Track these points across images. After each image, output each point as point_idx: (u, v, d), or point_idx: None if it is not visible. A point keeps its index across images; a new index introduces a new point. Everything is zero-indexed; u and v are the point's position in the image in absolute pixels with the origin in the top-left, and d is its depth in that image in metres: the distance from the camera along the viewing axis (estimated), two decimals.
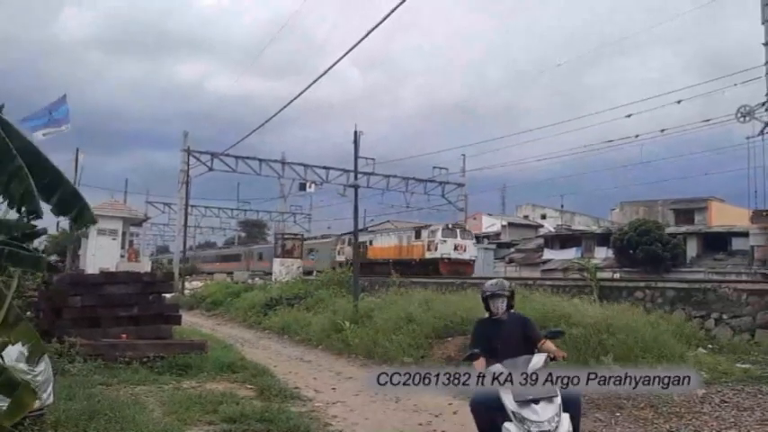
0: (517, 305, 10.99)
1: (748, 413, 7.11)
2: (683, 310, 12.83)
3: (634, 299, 13.74)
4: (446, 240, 30.42)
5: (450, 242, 30.56)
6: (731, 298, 12.20)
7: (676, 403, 7.59)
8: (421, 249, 31.40)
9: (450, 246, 30.49)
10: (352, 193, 17.33)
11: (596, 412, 7.50)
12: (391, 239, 34.35)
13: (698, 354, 9.90)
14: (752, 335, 11.44)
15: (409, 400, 8.44)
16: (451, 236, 30.84)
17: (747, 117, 20.77)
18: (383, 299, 15.62)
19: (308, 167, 38.15)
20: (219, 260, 59.25)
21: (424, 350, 11.34)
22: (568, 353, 9.06)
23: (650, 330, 10.02)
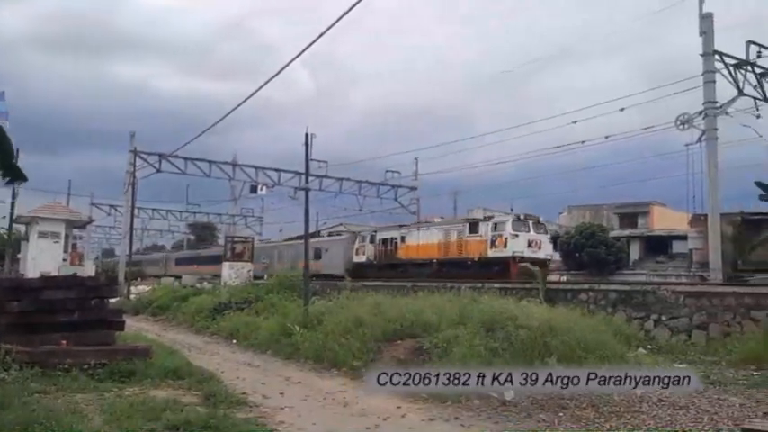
0: (466, 308, 11.25)
1: (683, 412, 7.36)
2: (624, 311, 13.26)
3: (578, 301, 14.11)
4: (518, 235, 24.83)
5: (522, 237, 24.86)
6: (669, 300, 12.67)
7: (617, 403, 7.81)
8: (480, 246, 25.79)
9: (522, 242, 24.77)
10: (304, 196, 17.21)
11: (540, 413, 7.66)
12: (433, 235, 28.93)
13: (638, 354, 10.21)
14: (689, 335, 11.92)
15: (357, 404, 8.45)
16: (524, 229, 25.35)
17: (686, 125, 21.55)
18: (335, 302, 15.55)
19: (259, 170, 37.81)
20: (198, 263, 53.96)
21: (374, 353, 11.32)
22: (515, 354, 9.33)
23: (593, 331, 10.29)
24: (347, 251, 33.44)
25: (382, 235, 31.84)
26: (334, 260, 33.66)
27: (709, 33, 20.73)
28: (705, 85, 20.80)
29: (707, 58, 20.74)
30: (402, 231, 31.02)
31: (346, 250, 33.60)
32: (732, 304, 12.03)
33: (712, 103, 20.82)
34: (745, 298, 11.97)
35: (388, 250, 30.71)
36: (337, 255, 33.91)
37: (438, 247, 27.89)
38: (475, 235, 26.43)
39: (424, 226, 30.71)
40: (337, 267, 32.38)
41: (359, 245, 32.69)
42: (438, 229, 29.03)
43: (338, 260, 33.23)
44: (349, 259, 32.73)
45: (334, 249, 34.92)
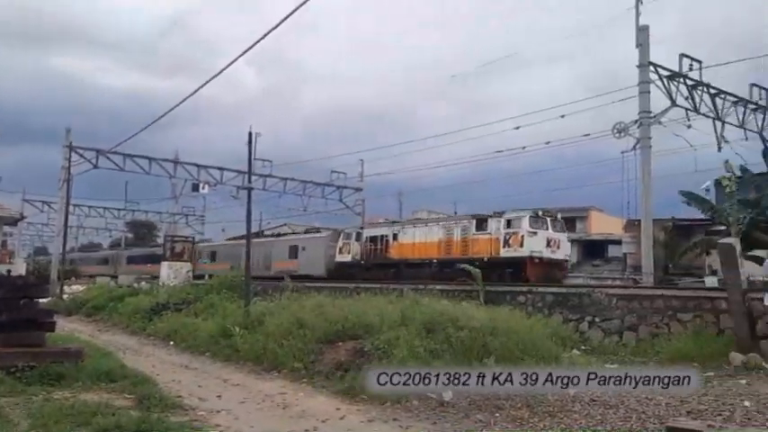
0: (408, 309, 11.32)
1: (613, 411, 7.60)
2: (560, 313, 13.63)
3: (517, 302, 14.42)
4: (536, 233, 22.26)
5: (541, 235, 22.29)
6: (603, 302, 13.11)
7: (550, 403, 8.01)
8: (491, 245, 23.16)
9: (541, 240, 22.16)
10: (246, 196, 16.99)
11: (477, 413, 7.78)
12: (432, 233, 26.27)
13: (572, 355, 10.50)
14: (620, 336, 12.36)
15: (297, 406, 8.40)
16: (542, 226, 22.66)
17: (622, 133, 22.27)
18: (276, 304, 15.40)
19: (201, 168, 37.10)
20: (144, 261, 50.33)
21: (315, 355, 11.27)
22: (454, 355, 9.46)
23: (530, 333, 10.55)
24: (328, 250, 30.95)
25: (370, 232, 29.46)
26: (312, 259, 31.45)
27: (645, 45, 21.49)
28: (640, 95, 21.54)
29: (642, 70, 21.50)
30: (394, 228, 28.54)
31: (327, 249, 31.04)
32: (661, 307, 12.54)
33: (647, 113, 21.58)
34: (673, 301, 12.50)
35: (377, 249, 28.27)
36: (317, 253, 31.51)
37: (438, 246, 25.41)
38: (483, 233, 23.86)
39: (420, 223, 28.35)
40: (317, 267, 30.41)
41: (343, 243, 30.08)
42: (438, 226, 26.47)
43: (318, 259, 30.99)
44: (330, 259, 30.40)
45: (312, 248, 32.29)
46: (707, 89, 23.04)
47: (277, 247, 34.74)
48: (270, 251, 34.81)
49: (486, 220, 23.97)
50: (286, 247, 34.04)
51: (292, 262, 32.57)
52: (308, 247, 32.66)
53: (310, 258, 31.60)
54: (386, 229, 28.79)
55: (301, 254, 32.56)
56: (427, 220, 29.11)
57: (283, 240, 35.71)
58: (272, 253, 34.53)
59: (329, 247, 30.91)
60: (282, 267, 32.25)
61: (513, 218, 23.02)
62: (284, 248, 34.00)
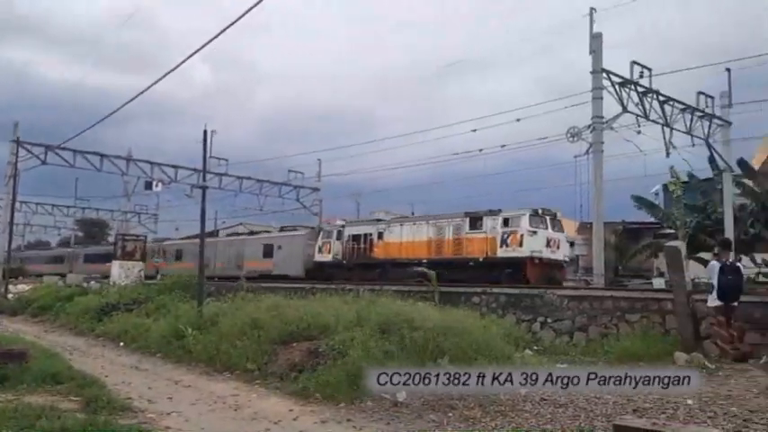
0: (363, 310, 11.32)
1: (563, 409, 7.73)
2: (514, 314, 13.86)
3: (472, 303, 14.59)
4: (536, 232, 21.40)
5: (541, 235, 21.50)
6: (555, 303, 13.39)
7: (502, 402, 8.11)
8: (486, 245, 22.18)
9: (541, 240, 21.37)
10: (200, 194, 16.72)
11: (431, 413, 7.83)
12: (421, 231, 25.03)
13: (524, 355, 10.66)
14: (571, 337, 12.64)
15: (250, 407, 8.32)
16: (541, 225, 21.88)
17: (576, 137, 22.69)
18: (230, 304, 15.22)
19: (155, 165, 36.31)
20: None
21: (269, 356, 11.19)
22: (408, 355, 9.50)
23: (484, 333, 10.66)
24: (307, 249, 29.62)
25: (353, 230, 28.16)
26: (289, 259, 30.12)
27: (598, 52, 21.96)
28: (593, 101, 21.98)
29: (595, 76, 21.95)
30: (379, 227, 27.19)
31: (306, 247, 29.69)
32: (610, 307, 12.88)
33: (599, 118, 22.03)
34: (622, 302, 12.85)
35: (360, 248, 27.13)
36: (294, 252, 30.09)
37: (428, 246, 24.29)
38: (478, 231, 22.87)
39: (408, 221, 26.91)
40: (294, 267, 29.23)
41: (323, 241, 28.80)
42: (427, 224, 25.21)
43: (295, 259, 29.64)
44: (309, 258, 29.09)
45: (289, 246, 30.84)
46: (656, 96, 23.65)
47: (250, 246, 33.52)
48: (241, 250, 33.74)
49: (482, 218, 23.08)
50: (260, 245, 32.62)
51: (267, 261, 31.30)
52: (284, 245, 31.30)
53: (287, 258, 30.36)
54: (370, 227, 27.58)
55: (277, 253, 31.25)
56: (416, 218, 27.86)
57: (257, 239, 34.16)
58: (245, 252, 33.37)
59: (307, 246, 29.68)
60: (256, 267, 31.16)
61: (511, 216, 22.10)
62: (258, 247, 32.64)
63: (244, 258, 33.00)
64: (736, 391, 8.12)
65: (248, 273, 30.11)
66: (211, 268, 33.32)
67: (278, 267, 30.05)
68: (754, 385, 8.48)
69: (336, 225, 29.64)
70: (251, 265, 31.92)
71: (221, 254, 34.60)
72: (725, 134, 26.65)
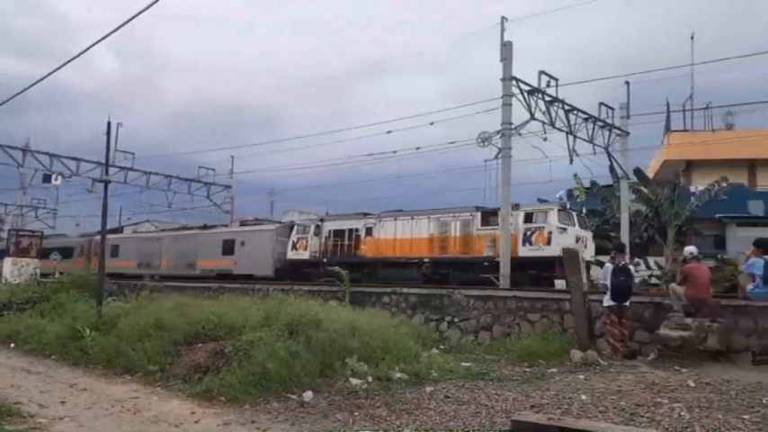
0: (272, 310, 11.20)
1: (465, 407, 7.93)
2: (422, 313, 14.13)
3: (382, 303, 14.74)
4: (566, 229, 19.39)
5: (571, 232, 19.50)
6: (462, 303, 13.76)
7: (408, 400, 8.24)
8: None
9: (571, 238, 19.17)
10: (102, 189, 15.98)
11: (337, 413, 7.85)
12: (420, 227, 22.68)
13: (431, 354, 10.86)
14: (476, 336, 13.02)
15: (149, 410, 8.06)
16: (569, 222, 19.93)
17: (486, 142, 23.33)
18: (133, 303, 14.67)
19: (54, 157, 34.30)
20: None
21: (172, 357, 10.86)
22: (316, 355, 9.50)
23: (392, 332, 10.82)
24: (277, 245, 26.84)
25: (335, 225, 25.80)
26: (255, 257, 27.11)
27: (509, 60, 22.64)
28: (503, 107, 22.62)
29: (505, 83, 22.61)
30: (368, 221, 24.80)
31: (276, 244, 26.88)
32: (513, 307, 13.37)
33: (508, 124, 22.75)
34: (524, 302, 13.36)
35: (344, 245, 24.84)
36: (261, 249, 27.11)
37: (430, 243, 22.07)
38: (493, 227, 20.69)
39: (404, 216, 24.15)
40: (261, 266, 26.39)
41: (297, 237, 26.21)
42: (428, 219, 22.86)
43: (263, 257, 26.76)
44: (280, 256, 26.48)
45: (255, 242, 27.71)
46: (562, 105, 24.71)
47: (205, 242, 30.22)
48: (194, 246, 30.52)
49: (496, 213, 20.87)
50: (218, 240, 29.39)
51: (226, 259, 28.14)
52: (248, 241, 28.05)
53: (253, 255, 27.24)
54: (356, 221, 25.15)
55: (240, 250, 28.06)
56: (413, 212, 25.03)
57: (214, 233, 30.72)
58: (198, 248, 30.18)
59: (278, 243, 26.86)
60: (213, 266, 28.36)
61: (535, 211, 20.28)
62: (215, 243, 29.33)
63: (197, 256, 29.93)
64: (625, 387, 8.59)
65: (203, 272, 28.17)
66: (155, 267, 30.99)
67: (240, 266, 27.23)
68: (642, 381, 9.00)
69: (313, 219, 27.43)
70: (206, 263, 29.07)
71: (169, 250, 31.76)
72: (623, 143, 28.22)
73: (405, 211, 25.39)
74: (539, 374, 9.80)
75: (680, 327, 10.58)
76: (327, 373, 9.41)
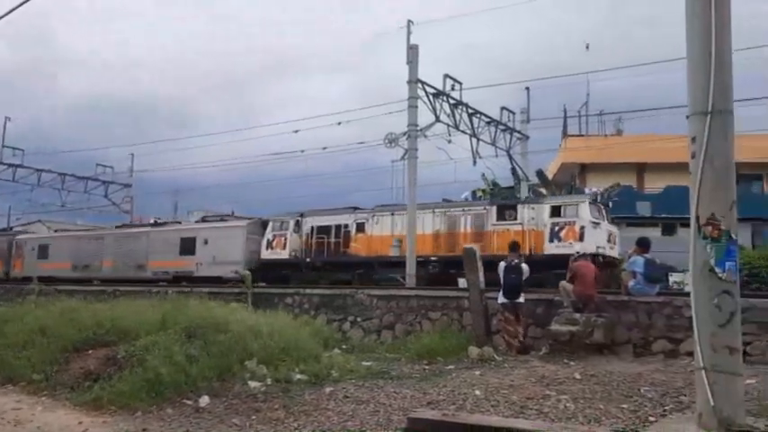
0: (170, 313, 10.87)
1: (364, 406, 8.01)
2: (325, 314, 14.18)
3: (285, 305, 14.67)
4: (599, 224, 17.98)
5: (603, 228, 18.18)
6: (365, 303, 13.92)
7: (307, 402, 8.23)
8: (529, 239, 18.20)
9: (603, 234, 18.00)
10: None
11: (234, 417, 7.72)
12: (424, 222, 21.01)
13: (332, 354, 10.91)
14: (378, 335, 13.20)
15: (32, 421, 7.64)
16: (600, 216, 18.54)
17: (393, 143, 23.67)
18: (17, 309, 13.82)
19: None
20: None
21: (60, 365, 10.32)
22: (214, 359, 9.32)
23: (294, 334, 10.77)
24: (250, 243, 24.56)
25: (318, 221, 23.75)
26: (222, 256, 24.51)
27: (415, 63, 23.06)
28: (409, 109, 23.03)
29: (411, 86, 23.03)
30: (358, 216, 22.89)
31: (248, 242, 24.58)
32: (415, 306, 13.65)
33: (414, 126, 23.17)
34: (425, 300, 13.67)
35: (331, 243, 23.02)
36: (230, 248, 24.61)
37: (435, 240, 20.43)
38: (511, 223, 18.99)
39: (402, 210, 22.00)
40: (230, 267, 23.53)
41: (274, 234, 24.18)
42: (433, 214, 21.32)
43: (232, 256, 24.23)
44: (252, 255, 24.29)
45: (222, 240, 24.99)
46: (466, 109, 25.45)
47: (158, 240, 27.32)
48: (144, 245, 27.56)
49: (515, 206, 19.52)
50: (175, 238, 26.57)
51: (186, 260, 25.51)
52: (214, 239, 25.26)
53: (219, 255, 24.67)
54: (344, 216, 23.35)
55: (202, 249, 25.37)
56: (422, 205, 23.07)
57: (170, 230, 27.83)
58: (149, 248, 27.25)
59: (250, 241, 24.59)
60: (168, 267, 25.82)
61: (563, 204, 18.61)
62: (171, 241, 26.58)
63: (148, 256, 27.10)
64: (517, 381, 8.94)
65: (156, 274, 25.49)
66: (95, 269, 28.17)
67: (204, 267, 24.61)
68: (533, 374, 9.42)
69: (293, 214, 25.02)
70: (160, 264, 26.33)
71: (112, 251, 28.47)
72: (524, 147, 29.47)
73: (402, 206, 23.68)
74: (437, 372, 10.04)
75: (569, 322, 11.17)
76: (226, 376, 9.25)
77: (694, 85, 6.07)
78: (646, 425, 6.39)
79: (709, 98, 5.89)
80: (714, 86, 5.85)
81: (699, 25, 6.00)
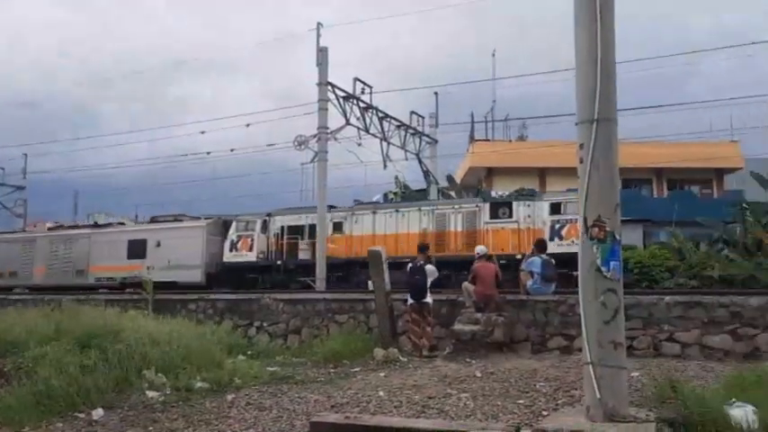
0: (63, 322, 10.34)
1: (267, 412, 7.93)
2: (231, 319, 13.96)
3: (188, 311, 14.34)
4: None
5: None
6: (271, 307, 13.81)
7: (208, 410, 8.06)
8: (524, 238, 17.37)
9: None
10: None
11: (129, 429, 7.46)
12: (409, 221, 19.81)
13: (236, 360, 10.72)
14: (285, 339, 13.14)
15: None
16: None
17: (303, 146, 23.63)
18: None
19: None
20: None
21: None
22: (110, 369, 8.94)
23: (196, 340, 10.51)
24: (210, 245, 22.98)
25: (289, 220, 22.55)
26: (178, 260, 22.80)
27: (324, 65, 23.12)
28: (319, 111, 23.09)
29: (321, 88, 23.10)
30: (335, 215, 21.84)
31: (208, 244, 22.95)
32: (322, 309, 13.66)
33: (324, 129, 23.22)
34: (332, 303, 13.70)
35: (304, 244, 22.09)
36: (187, 250, 22.78)
37: (423, 240, 18.69)
38: (506, 221, 18.13)
39: (386, 208, 21.38)
40: (187, 271, 22.36)
41: (238, 235, 22.72)
42: (420, 212, 20.12)
43: (190, 259, 22.62)
44: (214, 258, 22.81)
45: (178, 242, 23.20)
46: (376, 112, 25.76)
47: (101, 242, 25.04)
48: (85, 249, 25.11)
49: (510, 204, 18.58)
50: (122, 241, 24.44)
51: (135, 264, 23.61)
52: (168, 241, 23.48)
53: (174, 258, 22.97)
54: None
55: (155, 252, 23.59)
56: (398, 204, 22.48)
57: (116, 232, 25.45)
58: (91, 251, 24.90)
59: (211, 242, 23.06)
60: (114, 273, 23.69)
61: (564, 201, 17.70)
62: (117, 244, 24.44)
63: (89, 260, 24.91)
64: (420, 381, 9.13)
65: (99, 280, 23.43)
66: (24, 276, 25.62)
67: (156, 272, 22.49)
68: (436, 374, 9.64)
69: (259, 214, 23.68)
70: (104, 269, 24.28)
71: (45, 255, 25.97)
72: (433, 151, 30.19)
73: (386, 203, 23.20)
74: (342, 374, 10.08)
75: (471, 322, 11.53)
76: (123, 387, 8.92)
77: (582, 95, 6.41)
78: (539, 419, 6.67)
79: (596, 107, 6.23)
80: (600, 95, 6.19)
81: (585, 36, 6.32)
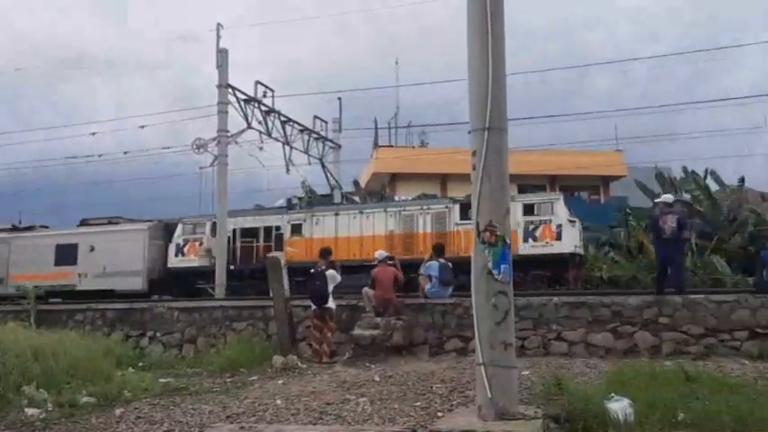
0: None
1: (158, 426, 7.61)
2: (122, 330, 13.35)
3: (75, 322, 13.60)
4: (575, 222, 17.63)
5: (578, 226, 17.85)
6: (165, 316, 13.32)
7: (94, 426, 7.64)
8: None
9: (578, 232, 17.66)
10: None
11: None
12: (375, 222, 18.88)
13: (126, 373, 10.28)
14: (180, 349, 12.69)
15: None
16: (573, 215, 18.20)
17: (201, 149, 23.01)
18: None
19: None
20: None
21: None
22: None
23: (82, 353, 9.96)
24: (152, 250, 21.48)
25: (242, 223, 21.40)
26: (115, 265, 21.04)
27: (225, 67, 22.63)
28: (219, 114, 22.57)
29: (221, 90, 22.58)
30: (293, 216, 20.55)
31: (150, 248, 21.42)
32: (219, 317, 13.31)
33: (224, 132, 22.71)
34: (230, 311, 13.38)
35: (260, 247, 20.69)
36: (126, 255, 21.02)
37: (390, 242, 18.29)
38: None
39: (348, 209, 20.39)
40: (126, 278, 20.63)
41: (185, 239, 21.24)
42: (385, 213, 19.26)
43: (129, 265, 20.95)
44: (156, 263, 21.40)
45: (115, 246, 21.33)
46: (278, 116, 25.47)
47: (24, 247, 22.81)
48: (5, 255, 22.83)
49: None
50: (49, 245, 22.39)
51: (64, 271, 21.63)
52: (102, 245, 21.57)
53: (111, 264, 21.18)
54: (274, 216, 21.03)
55: (87, 257, 21.66)
56: (361, 205, 21.45)
57: (41, 236, 23.34)
58: (11, 257, 22.69)
59: (153, 246, 21.53)
60: (39, 281, 20.62)
61: (537, 202, 17.70)
62: (43, 249, 22.33)
63: (9, 268, 22.66)
64: (319, 387, 9.08)
65: (21, 290, 19.77)
66: None
67: (89, 280, 21.06)
68: (335, 380, 9.63)
69: (207, 216, 22.06)
70: (26, 277, 21.25)
71: None
72: (336, 156, 30.21)
73: (349, 204, 22.26)
74: (239, 383, 9.86)
75: (371, 326, 11.62)
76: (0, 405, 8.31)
77: (475, 102, 6.57)
78: (434, 420, 6.80)
79: (487, 115, 6.41)
80: (491, 104, 6.37)
81: (477, 44, 6.47)
